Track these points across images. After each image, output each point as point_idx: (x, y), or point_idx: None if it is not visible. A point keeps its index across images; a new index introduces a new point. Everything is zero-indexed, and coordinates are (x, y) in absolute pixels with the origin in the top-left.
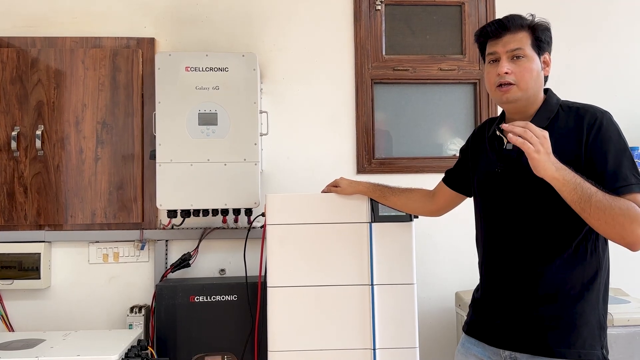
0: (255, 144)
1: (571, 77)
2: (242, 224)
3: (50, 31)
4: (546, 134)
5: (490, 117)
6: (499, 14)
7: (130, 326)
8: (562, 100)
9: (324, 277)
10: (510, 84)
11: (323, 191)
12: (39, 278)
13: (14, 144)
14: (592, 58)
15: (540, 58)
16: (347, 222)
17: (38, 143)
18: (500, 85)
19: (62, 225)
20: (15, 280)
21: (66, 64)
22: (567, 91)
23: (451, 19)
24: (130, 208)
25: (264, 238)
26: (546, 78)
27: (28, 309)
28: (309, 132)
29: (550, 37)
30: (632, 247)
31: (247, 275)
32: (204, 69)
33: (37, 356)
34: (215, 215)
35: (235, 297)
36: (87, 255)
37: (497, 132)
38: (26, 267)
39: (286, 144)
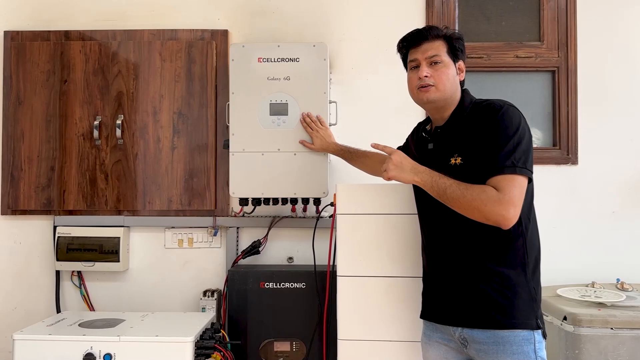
0: None
1: None
2: (309, 213)
3: (129, 24)
4: (395, 152)
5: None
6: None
7: (203, 309)
8: (476, 99)
9: (393, 268)
10: (430, 85)
11: (299, 142)
12: (118, 261)
13: (96, 133)
14: None
15: (455, 64)
16: (417, 213)
17: (118, 132)
18: (421, 87)
19: (139, 211)
20: (96, 263)
21: (144, 55)
22: None
23: (528, 5)
24: (203, 195)
25: (333, 227)
26: (462, 83)
27: (107, 290)
28: (378, 122)
29: (464, 46)
30: (501, 226)
31: (315, 264)
32: (275, 60)
33: (118, 335)
34: (284, 204)
35: (303, 285)
36: (163, 240)
37: (423, 134)
38: (106, 251)
39: (354, 134)
